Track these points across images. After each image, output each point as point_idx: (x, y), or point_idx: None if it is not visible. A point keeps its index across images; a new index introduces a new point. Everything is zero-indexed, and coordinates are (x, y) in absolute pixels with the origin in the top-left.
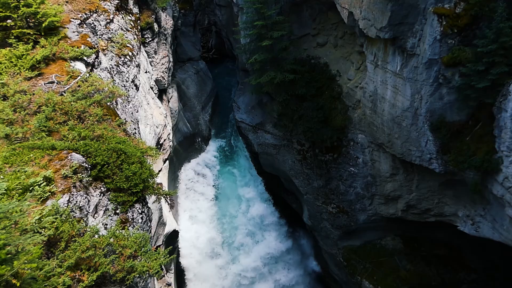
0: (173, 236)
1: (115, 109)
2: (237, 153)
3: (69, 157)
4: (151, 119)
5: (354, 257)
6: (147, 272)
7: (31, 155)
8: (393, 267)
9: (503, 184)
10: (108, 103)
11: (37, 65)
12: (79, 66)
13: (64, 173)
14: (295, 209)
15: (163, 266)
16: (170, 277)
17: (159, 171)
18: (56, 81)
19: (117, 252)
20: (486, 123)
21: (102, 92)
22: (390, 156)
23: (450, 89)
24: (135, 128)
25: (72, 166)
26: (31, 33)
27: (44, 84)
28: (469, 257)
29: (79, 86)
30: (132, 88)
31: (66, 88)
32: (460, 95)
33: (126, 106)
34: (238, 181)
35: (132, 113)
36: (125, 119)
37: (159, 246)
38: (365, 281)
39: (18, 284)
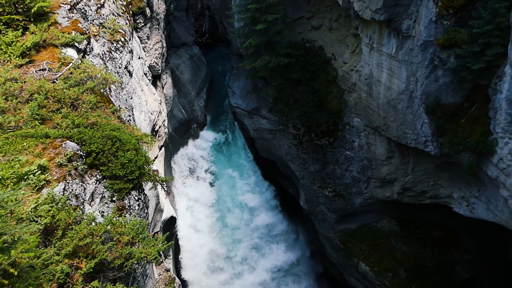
0: (171, 223)
1: (109, 96)
2: (234, 139)
3: (63, 145)
4: (146, 105)
5: (351, 240)
6: (145, 259)
7: (25, 143)
8: (389, 249)
9: (498, 165)
10: (102, 90)
11: (28, 52)
12: (71, 52)
13: (59, 162)
14: (291, 194)
15: (161, 252)
16: (169, 263)
17: (155, 158)
18: (47, 68)
19: (114, 239)
20: (482, 104)
21: (95, 79)
22: (386, 139)
23: (445, 71)
24: (129, 115)
25: (67, 154)
26: (20, 19)
27: (36, 71)
28: (464, 238)
29: (71, 73)
30: (125, 74)
31: (58, 75)
32: (456, 77)
33: (120, 93)
34: (237, 180)
35: (126, 100)
36: (119, 106)
37: (157, 232)
38: (362, 263)
39: (15, 273)
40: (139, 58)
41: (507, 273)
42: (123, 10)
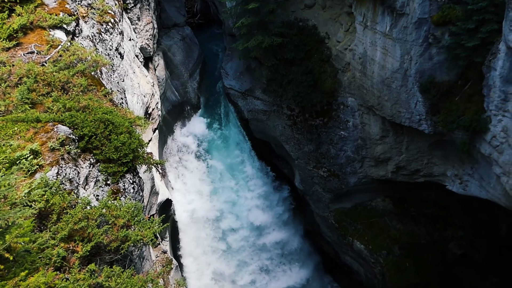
0: (167, 205)
1: (100, 79)
2: (228, 120)
3: (55, 129)
4: (138, 88)
5: (345, 219)
6: (141, 241)
7: (16, 128)
8: (383, 228)
9: (491, 143)
10: (92, 73)
11: (15, 35)
12: (59, 34)
13: (51, 146)
14: (286, 174)
15: (157, 235)
16: (166, 245)
17: (149, 141)
18: (36, 51)
19: (110, 223)
20: (475, 82)
21: (85, 61)
22: (380, 118)
23: (439, 48)
24: (122, 98)
25: (59, 138)
26: (6, 0)
27: (24, 54)
28: (457, 215)
29: (60, 55)
30: (116, 56)
31: (47, 58)
32: (450, 54)
33: (111, 75)
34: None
35: (118, 82)
36: (111, 89)
37: (153, 215)
38: (356, 241)
39: (11, 258)
40: (129, 39)
41: (499, 249)
42: None
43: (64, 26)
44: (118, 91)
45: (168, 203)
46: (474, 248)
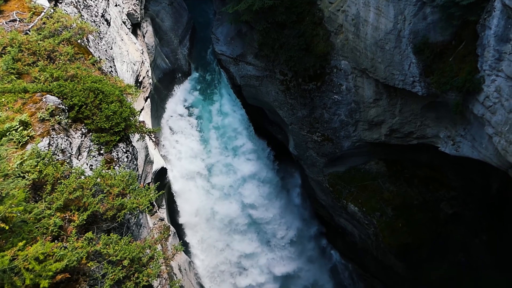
0: (162, 174)
1: (87, 47)
2: (220, 87)
3: (44, 99)
4: (127, 56)
5: (339, 182)
6: (137, 209)
7: (3, 99)
8: (377, 190)
9: (484, 103)
10: (79, 41)
11: None
12: (41, 1)
13: (41, 116)
14: (280, 140)
15: (154, 203)
16: (163, 213)
17: (141, 110)
18: (18, 19)
19: (105, 192)
20: (469, 42)
21: (70, 29)
22: (374, 81)
23: (433, 8)
24: (111, 66)
25: (48, 109)
26: None
27: (6, 22)
28: (449, 176)
29: (44, 23)
30: (102, 23)
31: (30, 26)
32: (444, 13)
33: (98, 43)
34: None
35: (106, 50)
36: (99, 57)
37: (149, 183)
38: (350, 204)
39: (7, 228)
40: (116, 5)
41: (489, 207)
42: None
43: None
44: (106, 59)
45: (163, 171)
46: (465, 207)
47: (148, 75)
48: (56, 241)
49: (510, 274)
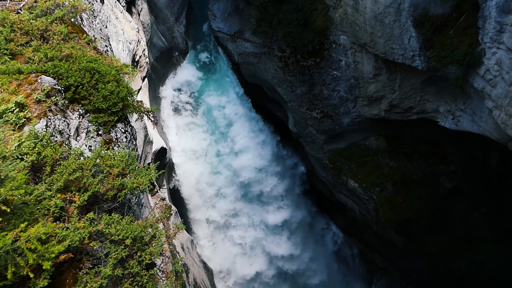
0: (162, 154)
1: (81, 25)
2: (218, 65)
3: (39, 80)
4: (123, 35)
5: (339, 159)
6: (137, 188)
7: None
8: (377, 166)
9: (484, 76)
10: (72, 19)
11: None
12: None
13: (37, 98)
14: (280, 118)
15: (155, 183)
16: (164, 192)
17: (139, 89)
18: None
19: (105, 172)
20: (470, 14)
21: (63, 7)
22: (373, 56)
23: None
24: (106, 46)
25: (44, 90)
26: None
27: None
28: (449, 151)
29: (35, 1)
30: (96, 1)
31: (21, 5)
32: None
33: (92, 22)
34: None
35: (100, 29)
36: (93, 36)
37: (149, 164)
38: (350, 180)
39: (8, 210)
40: None
41: (488, 181)
42: None
43: None
44: (101, 38)
45: (163, 151)
46: (464, 181)
47: (144, 54)
48: (58, 222)
49: (508, 247)
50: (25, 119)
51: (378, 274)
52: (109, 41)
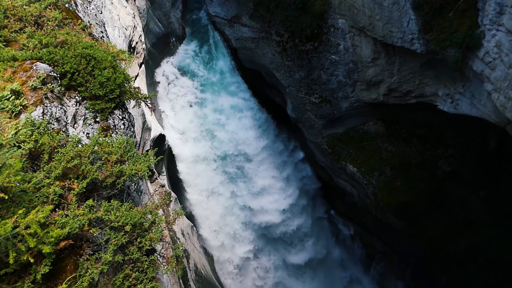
0: (160, 140)
1: (76, 11)
2: (216, 50)
3: (34, 67)
4: (118, 20)
5: (338, 143)
6: (136, 175)
7: None
8: (375, 150)
9: (484, 59)
10: (66, 5)
11: None
12: None
13: (32, 85)
14: (278, 103)
15: (154, 170)
16: (163, 179)
17: (136, 76)
18: None
19: (103, 159)
20: None
21: None
22: (372, 40)
23: None
24: (101, 32)
25: (39, 77)
26: None
27: None
28: (447, 134)
29: None
30: None
31: None
32: None
33: (87, 7)
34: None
35: (95, 15)
36: (88, 22)
37: (147, 151)
38: (349, 165)
39: (6, 197)
40: None
41: (486, 164)
42: None
43: None
44: (96, 24)
45: (161, 138)
46: (463, 165)
47: (141, 40)
48: (57, 209)
49: (506, 229)
50: (21, 107)
51: (377, 257)
52: (104, 27)
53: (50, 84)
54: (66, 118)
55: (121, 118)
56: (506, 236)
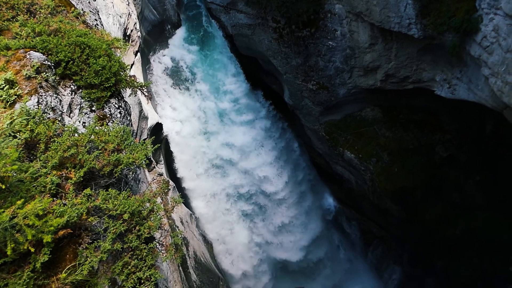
0: (157, 129)
1: None
2: (211, 37)
3: (28, 56)
4: (112, 8)
5: (336, 130)
6: (133, 164)
7: None
8: (373, 136)
9: (481, 43)
10: None
11: None
12: None
13: (27, 74)
14: (275, 90)
15: (152, 158)
16: (161, 168)
17: (132, 64)
18: None
19: (100, 148)
20: None
21: None
22: (369, 25)
23: None
24: (96, 19)
25: (33, 66)
26: None
27: None
28: (444, 120)
29: None
30: None
31: None
32: None
33: None
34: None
35: (89, 2)
36: (82, 9)
37: (145, 139)
38: (347, 151)
39: (3, 187)
40: None
41: (483, 149)
42: None
43: None
44: (90, 11)
45: (158, 127)
46: (459, 150)
47: (136, 28)
48: (54, 199)
49: (502, 214)
50: (15, 96)
51: (375, 243)
52: (98, 14)
53: (44, 73)
54: (62, 107)
55: (117, 107)
56: (502, 220)
